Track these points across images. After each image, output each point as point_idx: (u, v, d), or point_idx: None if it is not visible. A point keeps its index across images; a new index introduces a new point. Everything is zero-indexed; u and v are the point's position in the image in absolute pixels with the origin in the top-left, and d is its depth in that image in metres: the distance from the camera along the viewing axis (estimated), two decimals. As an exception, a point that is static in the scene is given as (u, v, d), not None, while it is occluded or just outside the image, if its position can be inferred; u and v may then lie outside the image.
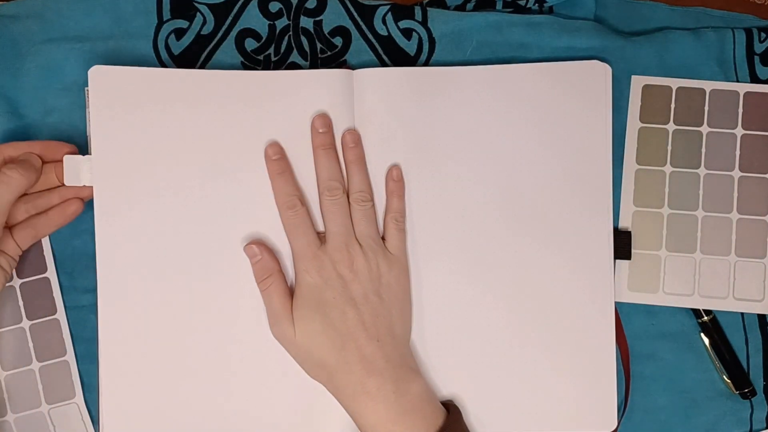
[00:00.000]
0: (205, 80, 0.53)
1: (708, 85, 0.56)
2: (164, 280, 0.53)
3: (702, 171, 0.56)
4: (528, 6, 0.57)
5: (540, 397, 0.53)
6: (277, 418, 0.53)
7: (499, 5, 0.57)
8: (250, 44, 0.56)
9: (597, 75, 0.54)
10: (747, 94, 0.56)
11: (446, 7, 0.57)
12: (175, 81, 0.53)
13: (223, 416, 0.53)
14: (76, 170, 0.52)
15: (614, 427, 0.53)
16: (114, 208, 0.52)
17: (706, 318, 0.55)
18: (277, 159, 0.52)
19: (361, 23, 0.56)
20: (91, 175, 0.52)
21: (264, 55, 0.56)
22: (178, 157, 0.53)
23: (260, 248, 0.52)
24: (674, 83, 0.56)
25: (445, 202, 0.54)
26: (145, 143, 0.52)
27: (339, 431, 0.52)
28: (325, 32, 0.56)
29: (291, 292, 0.52)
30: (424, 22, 0.56)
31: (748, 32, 0.57)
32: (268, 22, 0.56)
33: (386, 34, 0.56)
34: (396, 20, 0.56)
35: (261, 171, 0.53)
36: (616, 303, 0.55)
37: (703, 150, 0.56)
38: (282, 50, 0.56)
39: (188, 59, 0.55)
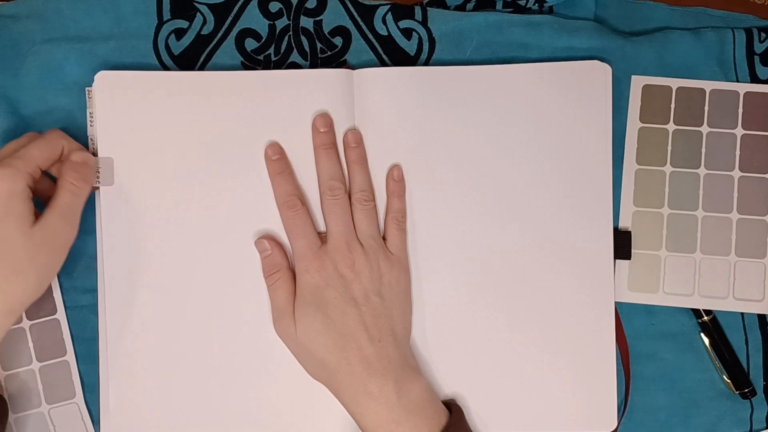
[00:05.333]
0: (206, 81, 0.53)
1: (708, 85, 0.56)
2: (165, 280, 0.53)
3: (702, 171, 0.56)
4: (528, 6, 0.57)
5: (540, 396, 0.53)
6: (278, 417, 0.53)
7: (499, 5, 0.57)
8: (250, 44, 0.56)
9: (597, 75, 0.54)
10: (747, 94, 0.56)
11: (446, 7, 0.57)
12: (177, 83, 0.53)
13: (223, 416, 0.53)
14: (110, 171, 0.53)
15: (614, 427, 0.53)
16: (118, 208, 0.53)
17: (706, 318, 0.55)
18: (277, 159, 0.52)
19: (361, 23, 0.56)
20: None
21: (264, 55, 0.56)
22: (180, 157, 0.53)
23: (271, 243, 0.52)
24: (674, 83, 0.56)
25: (445, 202, 0.54)
26: (149, 145, 0.53)
27: (339, 431, 0.52)
28: (325, 32, 0.56)
29: (296, 291, 0.52)
30: (424, 22, 0.56)
31: (748, 32, 0.57)
32: (268, 22, 0.56)
33: (386, 34, 0.56)
34: (396, 20, 0.56)
35: (263, 171, 0.53)
36: (616, 303, 0.55)
37: (703, 150, 0.56)
38: (282, 50, 0.56)
39: (188, 59, 0.55)
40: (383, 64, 0.56)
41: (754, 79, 0.57)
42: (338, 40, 0.56)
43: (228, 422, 0.53)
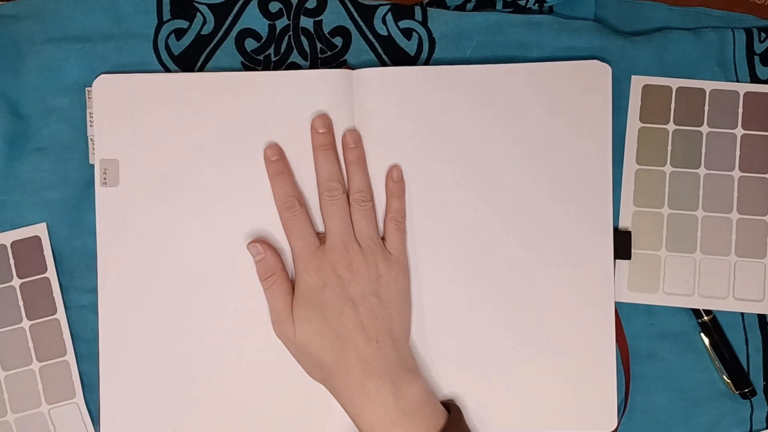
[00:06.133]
0: (205, 82, 0.53)
1: (708, 85, 0.56)
2: (165, 280, 0.53)
3: (702, 171, 0.56)
4: (528, 6, 0.57)
5: (540, 396, 0.53)
6: (277, 418, 0.53)
7: (499, 5, 0.57)
8: (250, 44, 0.56)
9: (597, 75, 0.54)
10: (747, 94, 0.56)
11: (446, 7, 0.57)
12: (176, 84, 0.53)
13: (222, 416, 0.53)
14: (116, 173, 0.53)
15: (614, 427, 0.53)
16: (117, 208, 0.53)
17: (706, 318, 0.55)
18: (276, 160, 0.52)
19: (361, 23, 0.56)
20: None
21: (264, 55, 0.56)
22: (179, 159, 0.53)
23: (263, 246, 0.52)
24: (674, 83, 0.56)
25: (445, 202, 0.54)
26: (148, 146, 0.53)
27: (339, 431, 0.52)
28: (325, 32, 0.56)
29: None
30: (424, 22, 0.56)
31: (748, 32, 0.57)
32: (268, 22, 0.56)
33: (386, 34, 0.56)
34: (396, 20, 0.56)
35: (262, 171, 0.53)
36: (616, 303, 0.55)
37: (703, 150, 0.56)
38: (282, 50, 0.56)
39: (188, 59, 0.55)
40: (383, 64, 0.56)
41: (754, 79, 0.57)
42: (338, 40, 0.56)
43: (227, 422, 0.53)
